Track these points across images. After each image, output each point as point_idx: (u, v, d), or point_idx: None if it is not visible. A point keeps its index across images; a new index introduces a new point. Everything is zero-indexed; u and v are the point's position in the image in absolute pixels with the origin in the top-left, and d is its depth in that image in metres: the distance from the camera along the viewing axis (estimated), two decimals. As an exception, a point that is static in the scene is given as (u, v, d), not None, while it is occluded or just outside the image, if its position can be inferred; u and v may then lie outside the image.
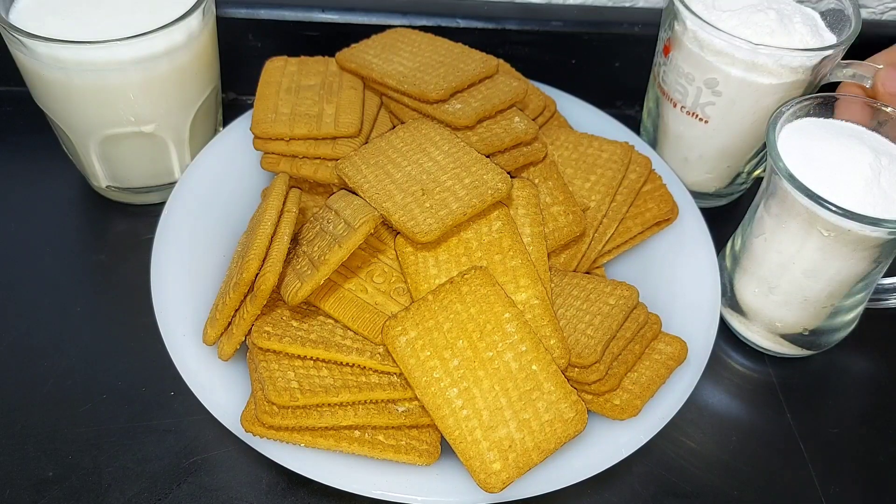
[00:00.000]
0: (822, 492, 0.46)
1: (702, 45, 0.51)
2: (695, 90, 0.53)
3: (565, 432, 0.39)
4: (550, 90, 0.59)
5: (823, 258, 0.45)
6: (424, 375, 0.40)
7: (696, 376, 0.45)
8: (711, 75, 0.51)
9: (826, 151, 0.45)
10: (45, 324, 0.50)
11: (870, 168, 0.44)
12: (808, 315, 0.49)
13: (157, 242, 0.48)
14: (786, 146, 0.45)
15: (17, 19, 0.48)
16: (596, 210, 0.50)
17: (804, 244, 0.45)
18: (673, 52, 0.54)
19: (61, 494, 0.43)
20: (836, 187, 0.43)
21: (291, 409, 0.39)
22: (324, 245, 0.41)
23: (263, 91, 0.52)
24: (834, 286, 0.46)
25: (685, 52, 0.52)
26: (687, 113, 0.55)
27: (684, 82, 0.53)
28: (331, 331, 0.43)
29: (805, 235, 0.45)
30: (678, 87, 0.54)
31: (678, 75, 0.54)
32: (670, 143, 0.58)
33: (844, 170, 0.44)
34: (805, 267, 0.46)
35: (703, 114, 0.54)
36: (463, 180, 0.44)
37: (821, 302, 0.47)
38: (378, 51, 0.54)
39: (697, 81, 0.52)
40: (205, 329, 0.43)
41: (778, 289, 0.48)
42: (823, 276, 0.46)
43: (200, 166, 0.53)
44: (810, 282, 0.46)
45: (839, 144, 0.45)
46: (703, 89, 0.52)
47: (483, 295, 0.41)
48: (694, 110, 0.54)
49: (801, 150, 0.45)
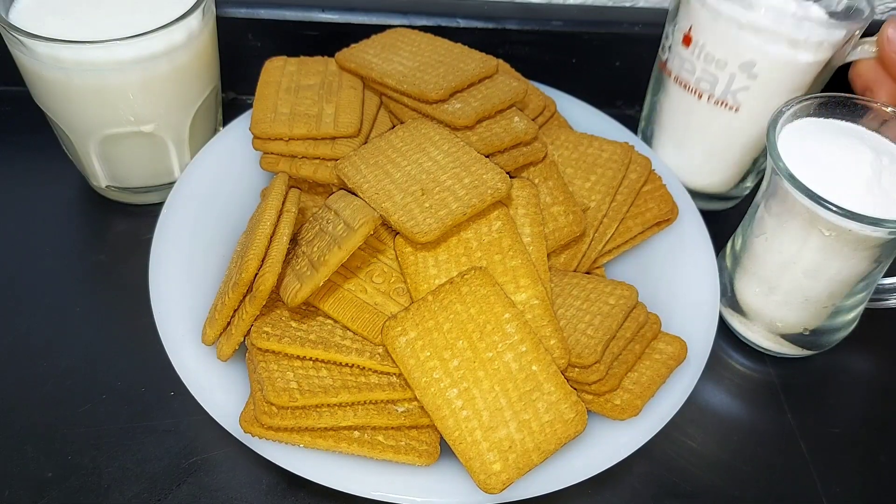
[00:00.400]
0: (823, 492, 0.46)
1: (741, 25, 0.49)
2: (727, 76, 0.52)
3: (565, 433, 0.39)
4: (550, 90, 0.59)
5: (824, 258, 0.45)
6: (424, 376, 0.40)
7: (696, 376, 0.45)
8: (749, 57, 0.50)
9: (827, 151, 0.45)
10: (45, 324, 0.50)
11: (870, 168, 0.43)
12: (809, 315, 0.49)
13: (155, 242, 0.48)
14: (786, 146, 0.45)
15: (17, 19, 0.48)
16: (596, 210, 0.50)
17: (805, 244, 0.45)
18: (698, 40, 0.52)
19: (61, 495, 0.43)
20: (837, 187, 0.43)
21: (291, 410, 0.39)
22: (323, 246, 0.41)
23: (263, 91, 0.52)
24: (834, 286, 0.46)
25: (718, 36, 0.51)
26: (715, 102, 0.53)
27: (714, 69, 0.52)
28: (330, 331, 0.42)
29: (805, 235, 0.45)
30: (706, 77, 0.53)
31: (707, 63, 0.52)
32: (692, 138, 0.56)
33: (845, 170, 0.44)
34: (806, 267, 0.46)
35: (734, 101, 0.52)
36: (462, 180, 0.44)
37: (821, 302, 0.47)
38: (378, 50, 0.54)
39: (731, 66, 0.51)
40: (204, 329, 0.43)
41: (778, 289, 0.48)
42: (824, 275, 0.46)
43: (200, 166, 0.53)
44: (811, 282, 0.46)
45: (840, 144, 0.45)
46: (736, 74, 0.51)
47: (483, 295, 0.41)
48: (724, 98, 0.53)
49: (801, 150, 0.45)
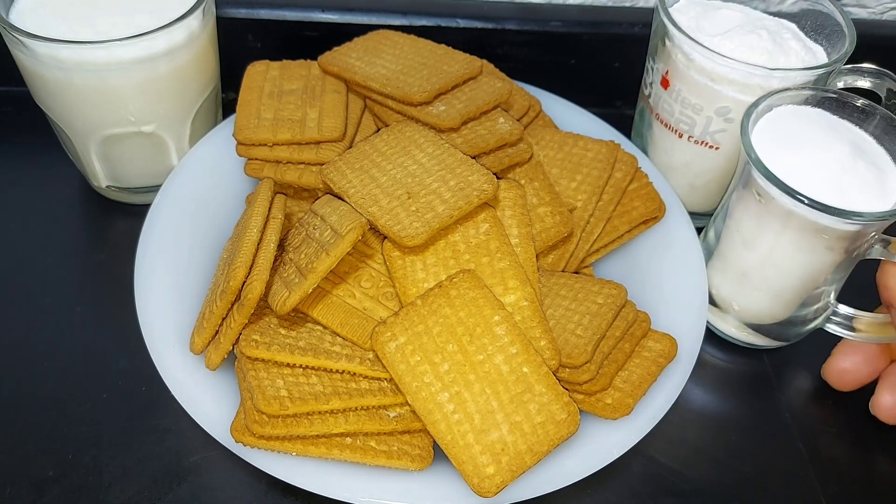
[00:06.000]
0: (822, 491, 0.47)
1: (711, 77, 0.49)
2: (704, 119, 0.51)
3: (558, 434, 0.39)
4: (534, 89, 0.59)
5: (794, 249, 0.45)
6: (415, 381, 0.39)
7: (687, 372, 0.45)
8: (723, 104, 0.50)
9: (801, 141, 0.45)
10: (45, 324, 0.50)
11: (837, 162, 0.44)
12: (780, 306, 0.49)
13: (140, 250, 0.48)
14: (760, 136, 0.45)
15: (17, 19, 0.48)
16: (583, 210, 0.50)
17: (774, 234, 0.45)
18: (675, 84, 0.52)
19: (61, 493, 0.43)
20: (807, 178, 0.43)
21: (282, 418, 0.39)
22: (311, 252, 0.41)
23: (245, 96, 0.51)
24: (804, 277, 0.46)
25: (691, 83, 0.50)
26: (695, 142, 0.53)
27: (691, 113, 0.52)
28: (319, 337, 0.42)
29: (775, 226, 0.45)
30: (684, 119, 0.52)
31: (684, 107, 0.52)
32: (676, 172, 0.56)
33: (816, 161, 0.44)
34: (775, 257, 0.46)
35: (713, 141, 0.52)
36: (448, 182, 0.44)
37: (791, 293, 0.48)
38: (360, 53, 0.53)
39: (707, 111, 0.51)
40: (192, 337, 0.43)
41: (755, 283, 0.48)
42: (793, 266, 0.46)
43: (183, 172, 0.52)
44: (780, 272, 0.47)
45: (814, 135, 0.46)
46: (713, 118, 0.51)
47: (472, 298, 0.41)
48: (703, 139, 0.53)
49: (775, 139, 0.45)
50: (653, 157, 0.58)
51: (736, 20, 0.52)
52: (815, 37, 0.53)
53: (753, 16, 0.53)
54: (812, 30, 0.53)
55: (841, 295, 0.50)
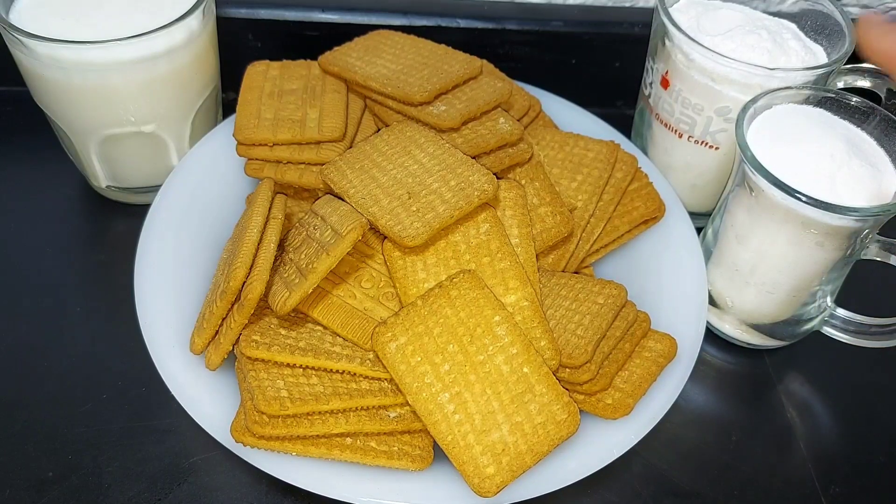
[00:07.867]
0: (822, 491, 0.47)
1: (712, 77, 0.49)
2: (704, 119, 0.51)
3: (558, 434, 0.39)
4: (534, 89, 0.59)
5: (792, 248, 0.45)
6: (415, 381, 0.39)
7: (687, 372, 0.45)
8: (723, 104, 0.50)
9: (796, 139, 0.45)
10: (45, 324, 0.50)
11: (830, 158, 0.44)
12: (779, 305, 0.49)
13: (139, 250, 0.48)
14: (756, 135, 0.45)
15: (17, 19, 0.48)
16: (583, 210, 0.50)
17: (767, 231, 0.45)
18: (675, 84, 0.52)
19: (61, 494, 0.43)
20: (804, 175, 0.43)
21: (282, 419, 0.39)
22: (311, 252, 0.41)
23: (245, 96, 0.51)
24: (803, 276, 0.46)
25: (691, 83, 0.50)
26: (695, 142, 0.53)
27: (691, 113, 0.52)
28: (320, 338, 0.42)
29: (766, 221, 0.45)
30: (684, 119, 0.52)
31: (684, 107, 0.52)
32: (676, 172, 0.56)
33: (810, 157, 0.44)
34: (774, 257, 0.46)
35: (713, 141, 0.52)
36: (449, 182, 0.44)
37: (790, 292, 0.48)
38: (361, 53, 0.53)
39: (707, 111, 0.51)
40: (192, 338, 0.43)
41: (747, 278, 0.48)
42: (792, 265, 0.46)
43: (183, 172, 0.52)
44: (779, 272, 0.47)
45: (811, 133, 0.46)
46: (713, 118, 0.51)
47: (472, 298, 0.41)
48: (703, 139, 0.53)
49: (771, 138, 0.45)
50: (653, 157, 0.58)
51: (736, 20, 0.52)
52: (815, 37, 0.53)
53: (753, 16, 0.53)
54: (812, 30, 0.53)
55: (840, 299, 0.50)
